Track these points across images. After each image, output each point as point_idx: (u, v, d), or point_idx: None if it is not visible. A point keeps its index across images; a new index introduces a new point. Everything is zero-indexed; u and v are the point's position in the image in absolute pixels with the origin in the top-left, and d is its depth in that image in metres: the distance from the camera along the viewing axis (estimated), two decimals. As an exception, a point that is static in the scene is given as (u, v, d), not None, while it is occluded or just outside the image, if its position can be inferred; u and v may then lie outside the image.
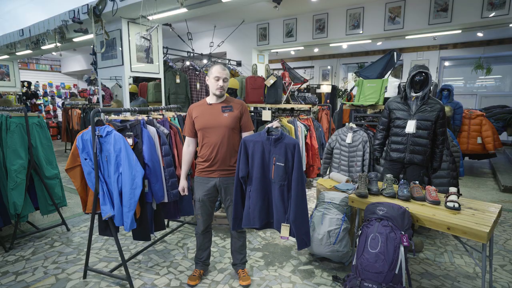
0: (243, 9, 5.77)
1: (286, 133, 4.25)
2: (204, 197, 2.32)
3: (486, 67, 8.36)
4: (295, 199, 2.14)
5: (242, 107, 2.33)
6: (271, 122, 4.34)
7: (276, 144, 2.17)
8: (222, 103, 2.30)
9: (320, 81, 11.08)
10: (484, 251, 1.98)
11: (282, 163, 2.16)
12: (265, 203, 2.26)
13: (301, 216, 2.18)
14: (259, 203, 2.23)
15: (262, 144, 2.20)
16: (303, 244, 2.22)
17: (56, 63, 12.03)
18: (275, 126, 2.22)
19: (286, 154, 2.16)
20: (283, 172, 2.17)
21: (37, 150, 3.14)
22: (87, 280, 2.49)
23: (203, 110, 2.29)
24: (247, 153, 2.24)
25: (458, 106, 5.52)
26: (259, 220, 2.24)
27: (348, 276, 2.15)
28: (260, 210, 2.24)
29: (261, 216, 2.25)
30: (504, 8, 4.25)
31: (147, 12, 3.81)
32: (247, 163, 2.24)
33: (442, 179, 3.32)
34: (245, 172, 2.23)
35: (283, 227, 2.19)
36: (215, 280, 2.49)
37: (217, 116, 2.26)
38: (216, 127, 2.25)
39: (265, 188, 2.25)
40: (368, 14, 5.28)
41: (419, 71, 2.67)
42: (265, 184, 2.24)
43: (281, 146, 2.16)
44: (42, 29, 5.00)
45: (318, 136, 5.25)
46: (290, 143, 2.16)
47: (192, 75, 4.86)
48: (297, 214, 2.16)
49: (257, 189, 2.22)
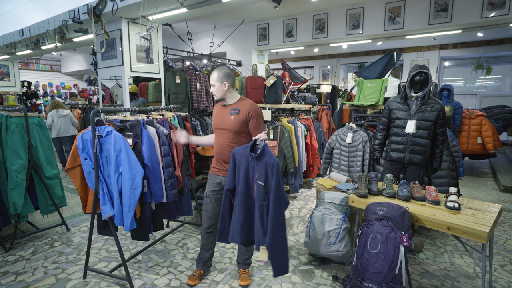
0: (243, 9, 5.76)
1: (286, 133, 4.27)
2: (210, 193, 2.37)
3: (486, 67, 8.36)
4: (272, 222, 1.97)
5: (250, 111, 2.24)
6: (271, 122, 4.37)
7: (258, 161, 2.01)
8: (233, 105, 2.30)
9: (320, 81, 11.08)
10: (484, 251, 1.98)
11: (262, 182, 2.00)
12: (248, 221, 2.12)
13: (278, 242, 2.01)
14: (240, 219, 2.10)
15: (247, 159, 2.05)
16: (279, 271, 2.05)
17: (56, 63, 12.03)
18: (261, 139, 2.07)
19: (267, 173, 2.00)
20: (263, 191, 2.01)
21: (37, 150, 3.14)
22: (87, 280, 2.50)
23: (219, 110, 2.37)
24: (235, 165, 2.12)
25: (458, 106, 5.52)
26: (240, 237, 2.12)
27: (348, 276, 2.15)
28: (241, 227, 2.10)
29: (243, 233, 2.12)
30: (504, 8, 4.25)
31: (147, 12, 3.81)
32: (234, 176, 2.12)
33: (442, 179, 3.32)
34: (231, 186, 2.13)
35: (261, 250, 2.03)
36: (215, 280, 2.49)
37: (225, 118, 2.29)
38: (223, 129, 2.29)
39: (249, 205, 2.10)
40: (368, 14, 5.28)
41: (419, 71, 2.67)
42: (249, 201, 2.09)
43: (262, 164, 2.00)
44: (42, 29, 5.00)
45: (318, 136, 5.26)
46: (270, 162, 1.99)
47: (192, 75, 4.85)
48: (274, 239, 1.98)
49: (240, 205, 2.09)
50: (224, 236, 2.23)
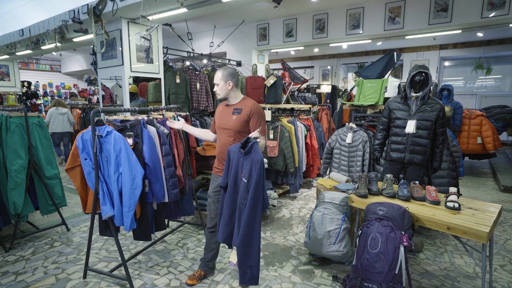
0: (243, 9, 5.76)
1: (286, 133, 4.27)
2: (213, 194, 2.38)
3: (486, 67, 8.36)
4: (245, 222, 1.89)
5: (252, 111, 2.23)
6: (271, 122, 4.37)
7: (245, 157, 1.97)
8: (235, 105, 2.31)
9: (320, 81, 11.08)
10: (484, 251, 1.98)
11: (246, 179, 1.94)
12: (231, 220, 2.06)
13: (248, 244, 1.90)
14: (225, 217, 2.06)
15: (238, 156, 2.03)
16: (245, 279, 1.93)
17: (56, 63, 12.03)
18: (253, 137, 2.04)
19: (251, 170, 1.93)
20: (245, 189, 1.94)
21: (37, 150, 3.14)
22: (87, 280, 2.50)
23: (222, 110, 2.38)
24: (229, 163, 2.10)
25: (458, 106, 5.52)
26: (222, 235, 2.09)
27: (348, 276, 2.15)
28: (225, 226, 2.07)
29: (225, 232, 2.08)
30: (504, 8, 4.25)
31: (147, 12, 3.81)
32: (228, 174, 2.10)
33: (442, 179, 3.32)
34: (224, 183, 2.11)
35: (233, 250, 1.97)
36: (215, 280, 2.49)
37: (228, 117, 2.29)
38: (225, 129, 2.30)
39: (234, 203, 2.05)
40: (368, 14, 5.28)
41: (419, 71, 2.67)
42: (235, 199, 2.04)
43: (248, 161, 1.95)
44: (42, 29, 5.00)
45: (318, 136, 5.26)
46: (256, 159, 1.92)
47: (192, 75, 4.86)
48: (244, 240, 1.87)
49: (227, 202, 2.05)
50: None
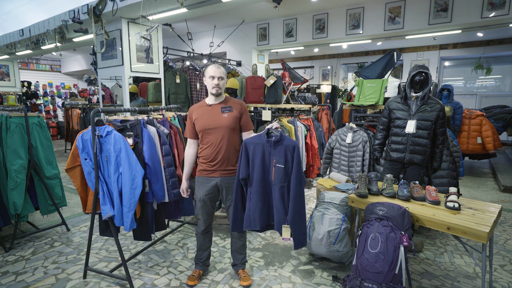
0: (243, 9, 5.77)
1: (286, 133, 4.27)
2: (205, 197, 2.33)
3: (486, 67, 8.36)
4: (293, 200, 2.16)
5: (242, 107, 2.34)
6: (271, 122, 4.37)
7: (276, 146, 2.18)
8: (221, 104, 2.30)
9: (320, 81, 11.08)
10: (484, 251, 1.98)
11: (282, 165, 2.17)
12: (266, 205, 2.26)
13: (299, 217, 2.18)
14: (259, 205, 2.23)
15: (263, 146, 2.21)
16: (299, 244, 2.23)
17: (56, 63, 12.03)
18: (274, 127, 2.21)
19: (286, 156, 2.17)
20: (283, 173, 2.17)
21: (37, 150, 3.14)
22: (87, 280, 2.49)
23: (203, 111, 2.30)
24: (248, 155, 2.24)
25: (458, 106, 5.52)
26: (259, 222, 2.25)
27: (348, 276, 2.15)
28: (260, 212, 2.24)
29: (262, 218, 2.25)
30: (504, 8, 4.25)
31: (147, 12, 3.81)
32: (247, 165, 2.24)
33: (442, 179, 3.32)
34: (245, 174, 2.24)
35: (284, 228, 2.19)
36: (215, 280, 2.49)
37: (217, 117, 2.26)
38: (216, 128, 2.26)
39: (266, 190, 2.25)
40: (368, 14, 5.28)
41: (419, 71, 2.67)
42: (266, 186, 2.25)
43: (280, 148, 2.17)
44: (42, 29, 5.00)
45: (318, 136, 5.26)
46: (290, 145, 2.17)
47: (192, 75, 4.86)
48: (295, 215, 2.17)
49: (258, 191, 2.23)
50: (238, 225, 2.31)
